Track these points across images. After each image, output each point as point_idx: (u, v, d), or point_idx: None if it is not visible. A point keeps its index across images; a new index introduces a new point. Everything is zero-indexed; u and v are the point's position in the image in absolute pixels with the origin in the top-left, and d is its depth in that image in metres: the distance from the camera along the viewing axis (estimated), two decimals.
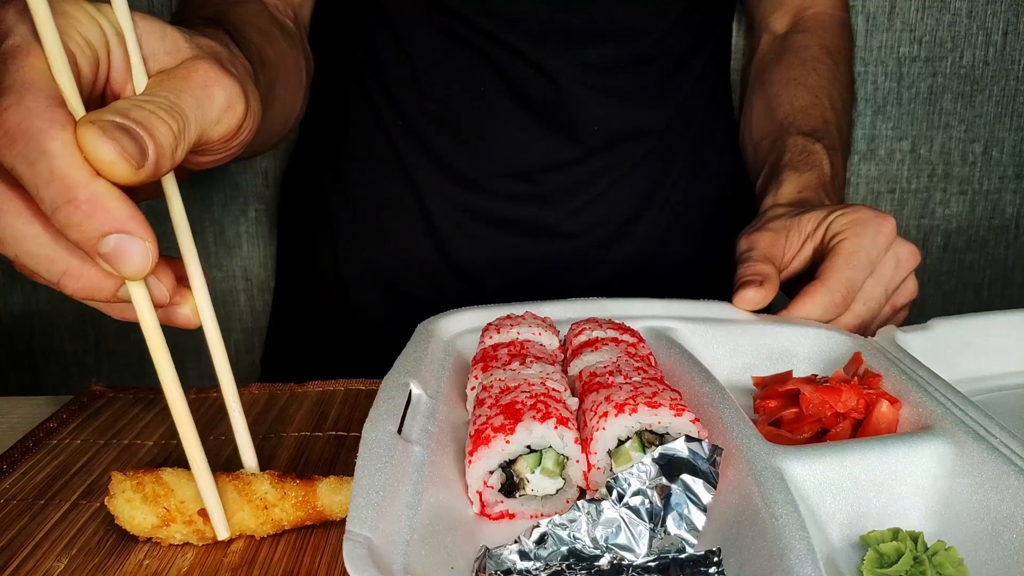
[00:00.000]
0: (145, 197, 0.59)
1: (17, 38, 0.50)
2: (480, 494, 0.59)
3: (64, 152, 0.47)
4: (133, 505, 0.58)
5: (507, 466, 0.59)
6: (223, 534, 0.59)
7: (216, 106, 0.55)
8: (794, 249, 0.88)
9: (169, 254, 0.60)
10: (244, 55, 0.69)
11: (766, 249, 0.86)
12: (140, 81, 0.54)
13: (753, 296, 0.81)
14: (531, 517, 0.60)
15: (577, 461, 0.59)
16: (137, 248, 0.48)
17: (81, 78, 0.51)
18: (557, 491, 0.60)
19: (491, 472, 0.59)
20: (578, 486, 0.60)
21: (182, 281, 0.59)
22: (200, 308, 0.59)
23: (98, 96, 0.54)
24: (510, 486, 0.60)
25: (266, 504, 0.59)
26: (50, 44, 0.49)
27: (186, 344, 1.47)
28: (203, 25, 0.67)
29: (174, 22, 0.59)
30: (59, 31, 0.49)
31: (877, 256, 0.83)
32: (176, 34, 0.56)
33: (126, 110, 0.49)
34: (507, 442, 0.58)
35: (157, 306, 0.54)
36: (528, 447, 0.59)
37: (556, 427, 0.58)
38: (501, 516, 0.60)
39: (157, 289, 0.54)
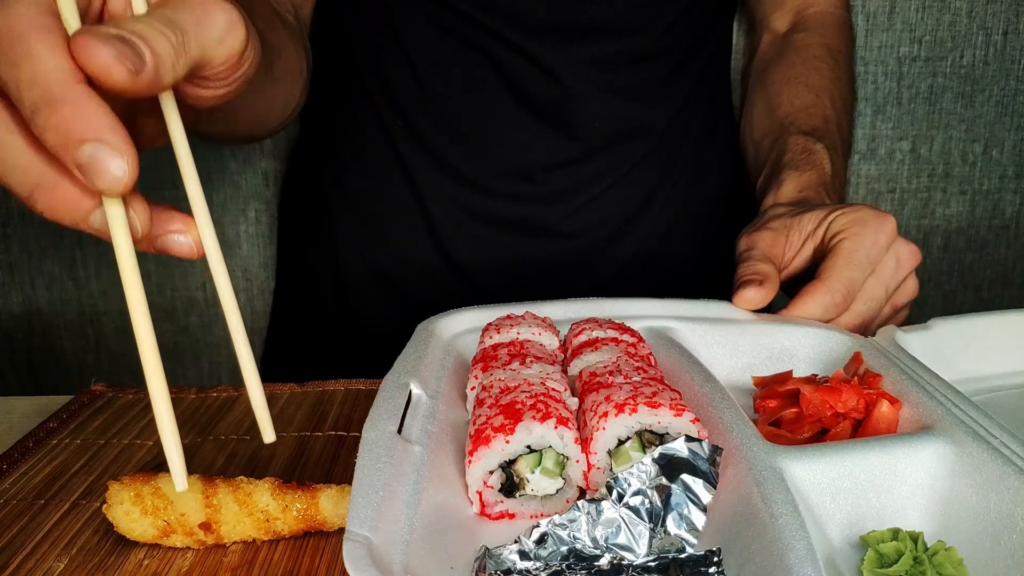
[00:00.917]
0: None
1: None
2: (480, 494, 0.59)
3: (49, 55, 0.46)
4: (132, 517, 0.58)
5: (507, 466, 0.59)
6: (181, 486, 0.53)
7: (217, 26, 0.52)
8: (794, 248, 0.88)
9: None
10: None
11: (766, 248, 0.86)
12: (139, 6, 0.52)
13: (753, 296, 0.81)
14: (531, 517, 0.60)
15: (577, 461, 0.59)
16: (115, 161, 0.46)
17: None
18: (557, 491, 0.60)
19: (491, 472, 0.59)
20: (578, 486, 0.60)
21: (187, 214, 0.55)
22: (204, 238, 0.54)
23: (94, 20, 0.52)
24: (510, 486, 0.60)
25: (268, 517, 0.59)
26: None
27: (184, 345, 1.47)
28: None
29: None
30: None
31: (878, 255, 0.83)
32: None
33: (121, 24, 0.48)
34: (507, 442, 0.58)
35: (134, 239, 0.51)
36: (528, 447, 0.59)
37: (556, 427, 0.58)
38: (501, 516, 0.60)
39: (133, 220, 0.51)
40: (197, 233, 0.54)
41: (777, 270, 0.85)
